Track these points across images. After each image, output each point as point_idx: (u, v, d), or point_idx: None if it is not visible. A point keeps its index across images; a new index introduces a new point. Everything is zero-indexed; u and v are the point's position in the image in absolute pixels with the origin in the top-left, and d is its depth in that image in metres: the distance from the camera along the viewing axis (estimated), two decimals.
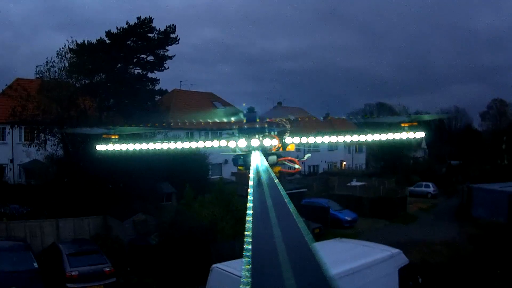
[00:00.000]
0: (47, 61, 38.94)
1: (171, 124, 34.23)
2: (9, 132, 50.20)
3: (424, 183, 70.69)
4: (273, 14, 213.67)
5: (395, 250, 18.96)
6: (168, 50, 54.83)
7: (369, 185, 61.04)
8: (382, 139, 8.57)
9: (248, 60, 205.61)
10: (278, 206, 4.15)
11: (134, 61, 52.41)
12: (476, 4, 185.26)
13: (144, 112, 41.22)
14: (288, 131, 8.68)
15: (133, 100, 42.86)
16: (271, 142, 7.92)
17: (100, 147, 9.13)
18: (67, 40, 41.77)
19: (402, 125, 8.53)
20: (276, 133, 8.48)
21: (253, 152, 7.46)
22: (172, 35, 54.27)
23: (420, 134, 8.54)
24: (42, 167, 40.05)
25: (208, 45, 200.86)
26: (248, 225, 3.73)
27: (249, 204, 4.18)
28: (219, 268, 16.43)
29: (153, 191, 37.93)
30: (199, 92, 76.99)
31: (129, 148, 8.98)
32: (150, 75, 56.53)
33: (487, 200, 44.48)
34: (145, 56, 53.66)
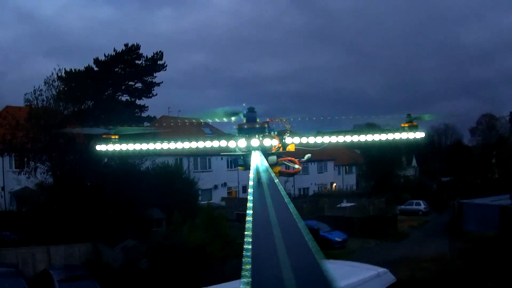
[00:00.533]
0: (34, 90, 39.37)
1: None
2: None
3: (415, 201, 71.21)
4: (261, 37, 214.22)
5: (381, 269, 18.88)
6: (156, 76, 55.21)
7: (359, 205, 61.53)
8: (382, 139, 8.55)
9: (237, 83, 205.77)
10: (278, 206, 4.10)
11: (122, 88, 52.73)
12: (463, 19, 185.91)
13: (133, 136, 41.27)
14: (288, 131, 8.66)
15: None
16: (271, 142, 7.88)
17: (100, 147, 9.05)
18: (54, 69, 41.75)
19: (402, 125, 8.54)
20: (276, 133, 8.45)
21: (253, 152, 7.44)
22: (159, 62, 54.72)
23: (420, 134, 8.54)
24: (33, 194, 40.21)
25: (197, 70, 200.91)
26: (248, 225, 3.64)
27: (249, 204, 4.08)
28: None
29: (142, 217, 37.96)
30: (187, 118, 76.29)
31: (129, 148, 8.92)
32: (138, 102, 56.83)
33: (478, 214, 44.72)
34: (133, 83, 54.01)
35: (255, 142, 7.67)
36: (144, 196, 36.31)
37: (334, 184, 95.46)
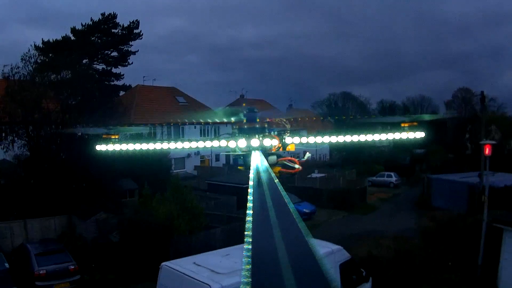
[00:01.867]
0: (12, 68, 39.32)
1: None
2: None
3: (386, 173, 70.70)
4: (240, 2, 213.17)
5: (335, 247, 19.90)
6: (132, 45, 55.08)
7: (330, 176, 61.36)
8: (382, 139, 8.58)
9: (215, 49, 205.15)
10: (278, 206, 4.13)
11: (99, 57, 52.49)
12: None
13: (107, 108, 41.15)
14: (288, 131, 8.66)
15: (97, 96, 42.75)
16: (271, 142, 7.88)
17: (100, 147, 9.04)
18: (31, 45, 41.46)
19: (402, 125, 8.58)
20: (276, 133, 8.44)
21: (253, 152, 7.43)
22: (135, 31, 54.75)
23: (420, 134, 8.58)
24: (10, 167, 40.03)
25: (175, 35, 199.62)
26: (248, 225, 3.69)
27: (249, 204, 4.13)
28: (167, 266, 17.24)
29: (114, 189, 37.98)
30: (162, 87, 76.19)
31: (129, 148, 8.90)
32: (114, 70, 56.67)
33: (447, 191, 44.74)
34: (109, 52, 53.78)
35: (255, 142, 7.66)
36: (116, 167, 36.27)
37: (307, 154, 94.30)
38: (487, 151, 26.07)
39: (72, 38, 49.97)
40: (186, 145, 8.52)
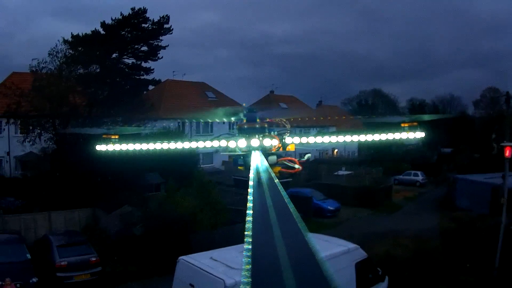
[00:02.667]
0: (39, 62, 39.55)
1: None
2: (4, 129, 50.56)
3: (413, 171, 70.01)
4: None
5: (351, 245, 19.56)
6: (162, 40, 55.07)
7: (356, 173, 60.97)
8: (382, 139, 8.60)
9: (246, 44, 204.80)
10: (278, 206, 4.17)
11: (129, 51, 52.63)
12: None
13: (135, 103, 41.37)
14: (288, 131, 8.69)
15: (126, 90, 43.00)
16: (271, 142, 7.92)
17: (100, 147, 9.12)
18: (58, 40, 41.83)
19: (402, 125, 8.55)
20: (276, 133, 8.47)
21: (253, 152, 7.47)
22: (166, 25, 54.59)
23: (420, 134, 8.57)
24: (37, 159, 40.42)
25: (206, 29, 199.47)
26: (248, 225, 3.74)
27: (249, 204, 4.18)
28: (184, 260, 17.23)
29: (140, 183, 38.13)
30: (192, 82, 76.61)
31: (129, 148, 8.99)
32: (144, 64, 56.78)
33: (471, 191, 43.80)
34: (138, 46, 53.85)
35: (255, 142, 7.70)
36: (142, 160, 36.47)
37: (336, 150, 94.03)
38: (507, 153, 25.76)
39: (102, 32, 50.16)
40: (186, 145, 8.58)
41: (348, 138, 8.69)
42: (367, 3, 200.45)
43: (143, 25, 53.14)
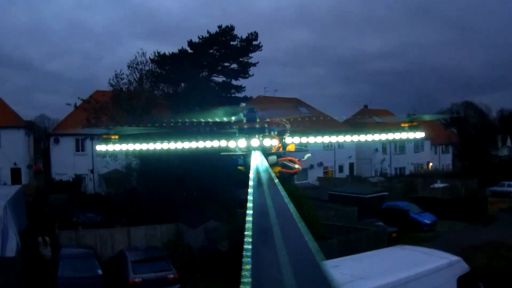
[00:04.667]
0: (116, 74, 40.23)
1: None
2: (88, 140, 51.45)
3: (507, 182, 67.46)
4: (364, 13, 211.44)
5: (454, 258, 18.61)
6: (251, 57, 55.32)
7: (452, 186, 60.57)
8: (382, 139, 8.46)
9: (339, 61, 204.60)
10: (278, 206, 4.18)
11: (218, 69, 53.09)
12: None
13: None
14: (288, 131, 8.63)
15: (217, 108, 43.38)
16: (271, 142, 7.87)
17: (100, 147, 9.24)
18: (138, 52, 42.31)
19: (402, 125, 8.42)
20: (276, 133, 8.43)
21: (253, 152, 7.43)
22: (254, 42, 54.82)
23: (420, 134, 8.39)
24: (120, 177, 40.97)
25: (299, 48, 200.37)
26: (248, 225, 3.75)
27: (249, 204, 4.20)
28: None
29: (229, 198, 38.18)
30: (284, 98, 76.76)
31: (129, 148, 9.08)
32: (235, 82, 57.11)
33: None
34: (228, 64, 54.22)
35: (255, 142, 7.67)
36: (236, 176, 36.51)
37: (430, 164, 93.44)
38: None
39: (189, 51, 50.82)
40: (186, 145, 8.61)
41: (348, 138, 8.62)
42: (457, 14, 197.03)
43: (231, 42, 53.59)
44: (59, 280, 23.09)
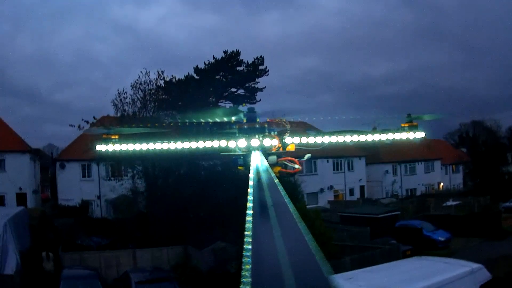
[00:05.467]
0: (119, 93, 40.57)
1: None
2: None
3: None
4: (371, 37, 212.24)
5: (475, 265, 18.71)
6: (258, 82, 55.20)
7: (464, 203, 60.99)
8: (382, 139, 8.50)
9: (348, 87, 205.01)
10: (278, 206, 4.17)
11: (225, 95, 53.00)
12: None
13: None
14: (288, 131, 8.68)
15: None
16: (271, 142, 7.92)
17: (100, 147, 9.27)
18: (141, 72, 42.31)
19: (402, 125, 8.47)
20: (276, 133, 8.47)
21: (253, 152, 7.47)
22: (260, 67, 54.59)
23: (420, 134, 8.44)
24: (127, 201, 40.90)
25: (307, 75, 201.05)
26: (248, 225, 3.70)
27: (249, 204, 4.17)
28: None
29: (237, 218, 38.00)
30: (291, 122, 76.23)
31: (129, 148, 9.11)
32: (242, 108, 57.07)
33: None
34: (235, 90, 54.11)
35: (255, 142, 7.71)
36: (243, 197, 36.31)
37: (441, 184, 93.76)
38: None
39: (196, 77, 50.73)
40: (186, 145, 8.64)
41: (348, 138, 8.65)
42: (464, 35, 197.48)
43: (237, 68, 53.50)
44: None
